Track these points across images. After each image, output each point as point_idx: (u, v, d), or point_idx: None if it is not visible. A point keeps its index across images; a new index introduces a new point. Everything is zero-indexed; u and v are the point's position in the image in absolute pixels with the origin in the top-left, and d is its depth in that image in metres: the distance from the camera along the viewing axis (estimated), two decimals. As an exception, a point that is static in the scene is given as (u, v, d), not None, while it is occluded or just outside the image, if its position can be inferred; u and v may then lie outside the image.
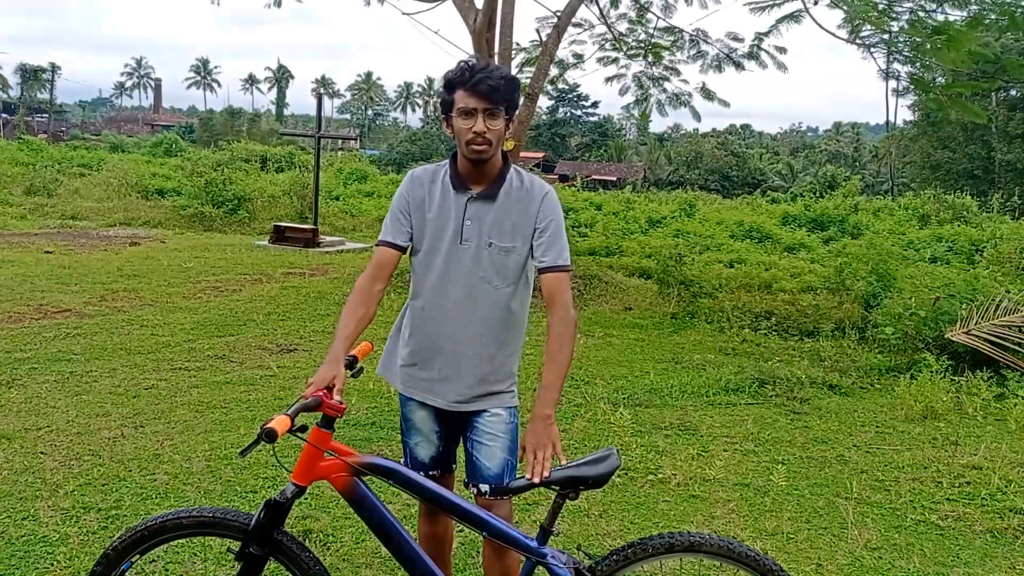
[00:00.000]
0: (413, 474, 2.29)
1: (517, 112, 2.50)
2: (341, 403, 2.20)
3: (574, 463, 2.20)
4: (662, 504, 4.18)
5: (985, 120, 11.76)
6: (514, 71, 10.44)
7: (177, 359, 6.47)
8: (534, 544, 2.20)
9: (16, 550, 3.37)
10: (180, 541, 3.34)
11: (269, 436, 1.98)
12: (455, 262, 2.46)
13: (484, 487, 2.49)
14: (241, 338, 7.27)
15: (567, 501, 2.20)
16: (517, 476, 2.29)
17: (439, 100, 2.51)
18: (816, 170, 52.65)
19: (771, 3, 9.95)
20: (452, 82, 2.39)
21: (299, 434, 2.15)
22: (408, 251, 2.55)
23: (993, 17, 8.35)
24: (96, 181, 21.38)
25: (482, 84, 2.34)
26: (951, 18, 8.97)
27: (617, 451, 2.21)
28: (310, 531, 3.63)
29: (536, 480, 2.20)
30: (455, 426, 2.58)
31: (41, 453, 4.41)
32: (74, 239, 13.59)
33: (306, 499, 3.90)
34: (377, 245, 2.54)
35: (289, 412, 2.08)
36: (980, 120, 11.03)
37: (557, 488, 2.19)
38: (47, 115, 73.39)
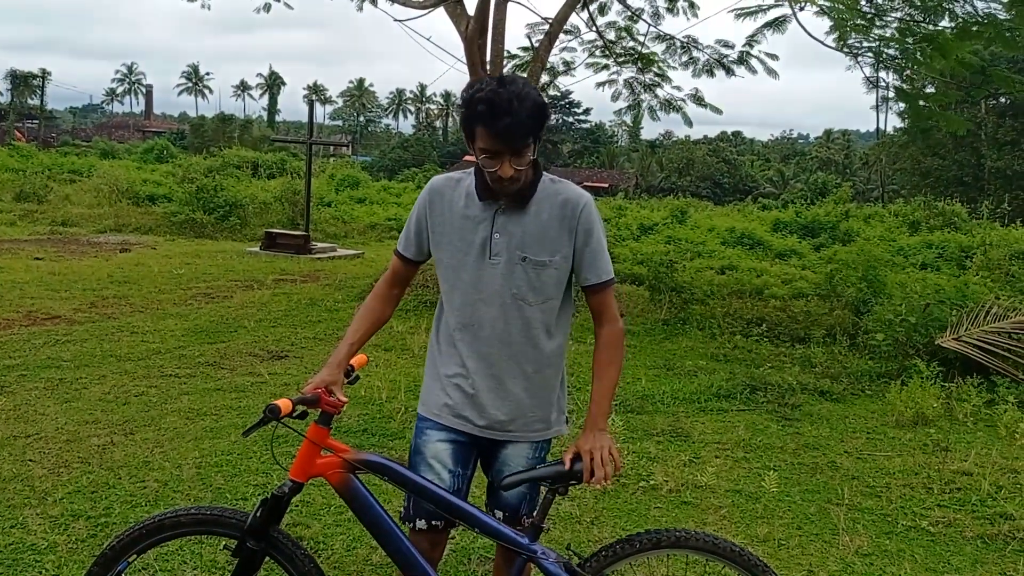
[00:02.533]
0: (407, 471, 2.27)
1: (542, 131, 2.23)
2: (340, 400, 2.23)
3: (561, 459, 2.24)
4: (654, 511, 4.17)
5: (965, 132, 11.80)
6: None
7: (167, 366, 6.44)
8: (525, 541, 2.21)
9: (4, 558, 3.34)
10: (172, 547, 3.34)
11: (272, 412, 2.05)
12: (485, 280, 2.28)
13: (499, 513, 2.43)
14: (232, 345, 7.24)
15: (558, 500, 2.21)
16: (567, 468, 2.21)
17: (459, 121, 2.27)
18: (807, 177, 52.92)
19: (757, 8, 10.01)
20: (470, 117, 2.13)
21: (298, 420, 2.18)
22: (423, 262, 2.46)
23: (978, 28, 8.42)
24: (87, 187, 21.30)
25: (506, 132, 2.09)
26: (939, 27, 9.03)
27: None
28: (301, 538, 3.61)
29: (598, 486, 2.20)
30: (472, 463, 2.45)
31: (30, 460, 4.39)
32: (64, 245, 13.53)
33: (297, 506, 3.89)
34: (393, 252, 2.47)
35: (292, 399, 2.14)
36: (961, 132, 11.10)
37: (547, 484, 2.21)
38: (37, 121, 73.07)
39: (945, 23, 9.03)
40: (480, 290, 2.30)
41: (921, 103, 10.28)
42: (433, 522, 2.35)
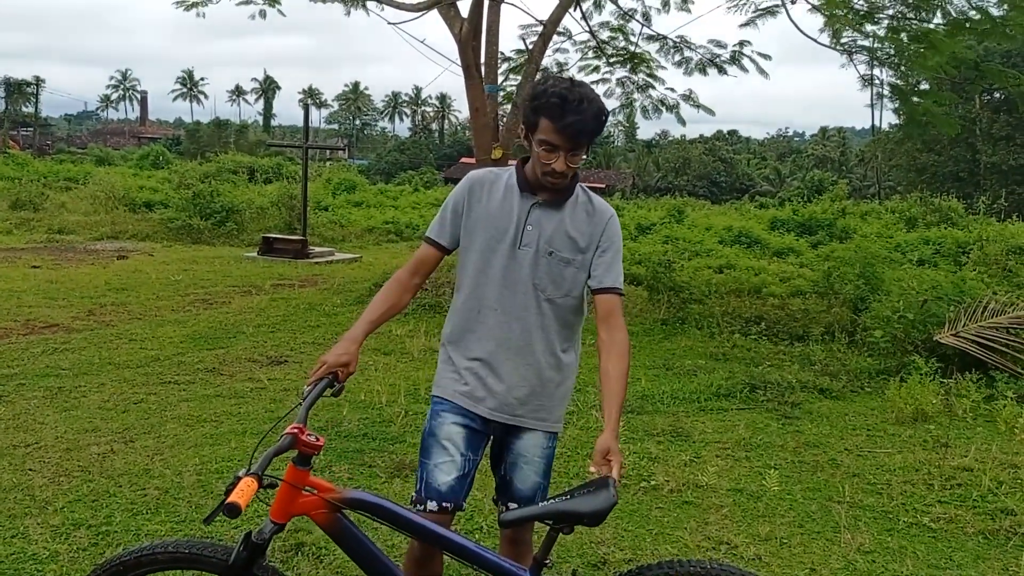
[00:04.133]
0: (398, 507, 2.17)
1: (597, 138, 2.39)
2: (318, 439, 2.09)
3: (566, 494, 2.12)
4: (655, 511, 4.17)
5: (955, 133, 11.82)
6: (500, 80, 10.47)
7: (166, 373, 6.43)
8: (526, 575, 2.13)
9: (6, 568, 3.33)
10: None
11: (231, 512, 1.84)
12: (513, 267, 2.40)
13: (512, 505, 2.46)
14: (231, 351, 7.23)
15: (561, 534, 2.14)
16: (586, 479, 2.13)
17: (523, 111, 2.35)
18: (803, 175, 52.96)
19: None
20: (539, 107, 2.27)
21: (270, 489, 2.05)
22: (452, 251, 2.52)
23: (971, 24, 8.43)
24: (83, 195, 21.28)
25: (570, 128, 2.23)
26: (931, 24, 9.04)
27: (613, 482, 2.07)
28: (302, 544, 3.60)
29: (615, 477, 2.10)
30: (481, 450, 2.47)
31: (30, 470, 4.38)
32: (61, 253, 13.51)
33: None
34: (423, 240, 2.52)
35: (255, 470, 1.93)
36: (952, 133, 11.12)
37: (550, 522, 2.11)
38: (32, 129, 72.98)
39: (938, 19, 9.05)
40: (507, 277, 2.41)
41: (915, 99, 10.29)
42: (444, 504, 2.38)
